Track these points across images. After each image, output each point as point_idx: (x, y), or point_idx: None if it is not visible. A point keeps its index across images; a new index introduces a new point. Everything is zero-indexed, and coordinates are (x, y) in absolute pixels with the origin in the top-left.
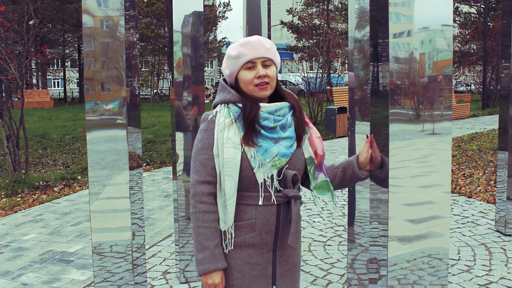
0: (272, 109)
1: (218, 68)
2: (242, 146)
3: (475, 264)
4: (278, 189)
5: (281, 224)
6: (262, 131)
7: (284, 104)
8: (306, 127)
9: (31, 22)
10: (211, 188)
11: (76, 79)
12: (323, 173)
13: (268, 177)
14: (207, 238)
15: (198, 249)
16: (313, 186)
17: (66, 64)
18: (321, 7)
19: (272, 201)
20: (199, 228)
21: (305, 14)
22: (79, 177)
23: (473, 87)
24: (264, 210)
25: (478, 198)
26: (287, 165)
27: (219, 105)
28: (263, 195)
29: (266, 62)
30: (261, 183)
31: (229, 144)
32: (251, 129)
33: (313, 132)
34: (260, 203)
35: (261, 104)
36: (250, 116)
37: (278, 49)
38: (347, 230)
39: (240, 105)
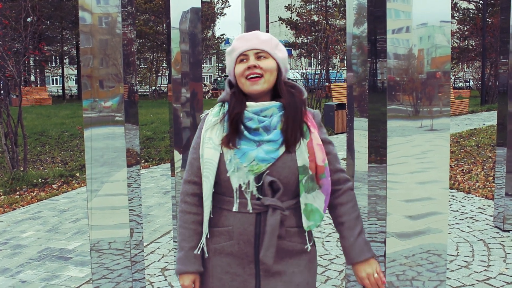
0: (257, 108)
1: (217, 64)
2: (221, 147)
3: (473, 260)
4: (257, 196)
5: (262, 236)
6: (245, 132)
7: (273, 103)
8: (305, 131)
9: (29, 19)
10: (195, 189)
11: (75, 76)
12: (324, 203)
13: (244, 183)
14: (184, 239)
15: (178, 248)
16: (303, 208)
17: (64, 61)
18: (319, 3)
19: (248, 209)
20: (180, 227)
21: (303, 11)
22: (77, 174)
23: (471, 83)
24: (242, 218)
25: (476, 194)
26: (268, 171)
27: (218, 103)
28: (237, 201)
29: (261, 54)
30: (236, 188)
31: (210, 144)
32: (233, 129)
33: (314, 137)
34: (235, 209)
35: (248, 103)
36: (232, 114)
37: None
38: None
39: None
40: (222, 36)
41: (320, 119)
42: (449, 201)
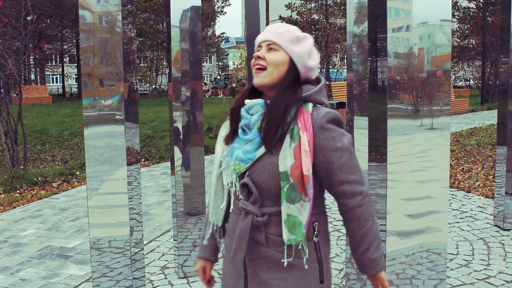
0: (247, 106)
1: (217, 63)
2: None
3: (473, 258)
4: (240, 197)
5: None
6: (239, 130)
7: (257, 101)
8: (295, 133)
9: (29, 18)
10: None
11: (75, 74)
12: (308, 218)
13: (229, 182)
14: (204, 226)
15: None
16: (285, 219)
17: (65, 59)
18: (319, 2)
19: (232, 208)
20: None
21: (303, 9)
22: (77, 173)
23: (472, 82)
24: (233, 216)
25: (476, 193)
26: (248, 173)
27: None
28: (225, 198)
29: (272, 46)
30: (225, 186)
31: (219, 140)
32: (230, 126)
33: (302, 142)
34: (222, 206)
35: (246, 101)
36: (230, 111)
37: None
38: None
39: None
40: (222, 35)
41: (324, 121)
42: (449, 200)
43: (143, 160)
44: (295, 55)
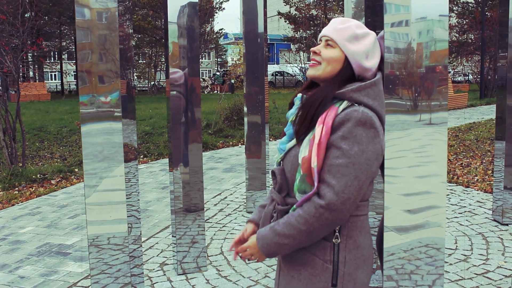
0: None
1: (215, 59)
2: None
3: (472, 253)
4: None
5: None
6: None
7: (298, 95)
8: (317, 125)
9: (26, 15)
10: None
11: (73, 71)
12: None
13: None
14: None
15: None
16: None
17: (63, 56)
18: None
19: None
20: None
21: (302, 5)
22: (76, 170)
23: (471, 77)
24: None
25: (475, 187)
26: (281, 162)
27: None
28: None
29: (329, 42)
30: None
31: None
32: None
33: (316, 134)
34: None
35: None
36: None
37: (275, 39)
38: None
39: None
40: (220, 31)
41: (347, 119)
42: (448, 195)
43: (142, 156)
44: (350, 54)
